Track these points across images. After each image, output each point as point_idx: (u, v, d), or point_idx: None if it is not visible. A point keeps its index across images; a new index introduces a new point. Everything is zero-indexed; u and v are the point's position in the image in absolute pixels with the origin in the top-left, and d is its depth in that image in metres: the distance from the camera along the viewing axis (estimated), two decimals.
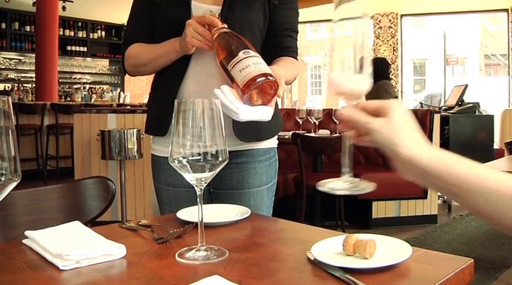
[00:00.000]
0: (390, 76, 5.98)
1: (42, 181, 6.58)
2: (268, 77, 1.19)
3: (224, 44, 1.26)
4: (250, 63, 1.20)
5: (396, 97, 6.02)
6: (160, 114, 1.54)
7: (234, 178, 1.54)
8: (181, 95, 1.50)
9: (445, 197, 5.45)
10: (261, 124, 1.33)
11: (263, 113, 1.23)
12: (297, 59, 1.61)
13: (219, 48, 1.28)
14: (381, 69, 5.62)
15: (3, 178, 0.69)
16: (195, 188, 0.90)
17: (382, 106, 0.73)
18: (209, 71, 1.46)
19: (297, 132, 4.00)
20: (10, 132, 0.69)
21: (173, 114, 0.85)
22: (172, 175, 1.53)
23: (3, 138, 0.68)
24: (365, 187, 0.83)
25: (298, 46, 1.66)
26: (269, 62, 1.58)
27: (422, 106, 5.97)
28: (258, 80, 1.17)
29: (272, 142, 1.62)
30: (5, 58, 10.08)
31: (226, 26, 1.32)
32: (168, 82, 1.52)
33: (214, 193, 1.58)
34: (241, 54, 1.21)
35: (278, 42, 1.59)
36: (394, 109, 0.73)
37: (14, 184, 0.70)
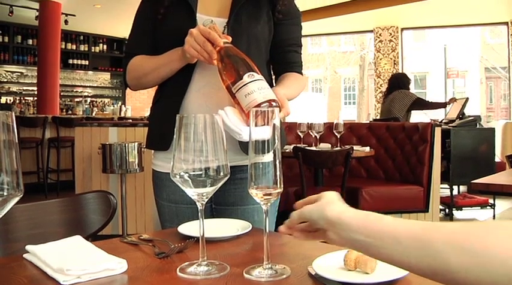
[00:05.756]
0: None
1: (43, 194, 6.58)
2: (272, 103, 1.21)
3: (229, 63, 1.26)
4: (255, 89, 1.21)
5: (414, 100, 6.09)
6: (163, 129, 1.52)
7: (238, 193, 1.52)
8: (185, 109, 1.49)
9: (447, 210, 5.44)
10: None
11: (265, 133, 1.23)
12: (302, 74, 1.61)
13: (223, 67, 1.27)
14: (402, 83, 6.21)
15: (5, 193, 0.68)
16: (197, 203, 0.90)
17: (315, 198, 0.83)
18: (213, 83, 1.44)
19: (298, 145, 4.00)
20: (13, 146, 0.69)
21: (175, 129, 0.85)
22: (174, 191, 1.52)
23: (6, 151, 0.68)
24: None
25: None
26: (275, 78, 1.62)
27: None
28: (262, 106, 1.19)
29: (267, 157, 1.55)
30: (7, 71, 10.12)
31: (229, 40, 1.31)
32: (171, 95, 1.51)
33: (217, 209, 1.56)
34: (246, 78, 1.22)
35: (283, 58, 1.60)
36: (324, 194, 0.83)
37: (16, 199, 0.70)
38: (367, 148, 4.21)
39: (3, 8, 8.58)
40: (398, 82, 6.28)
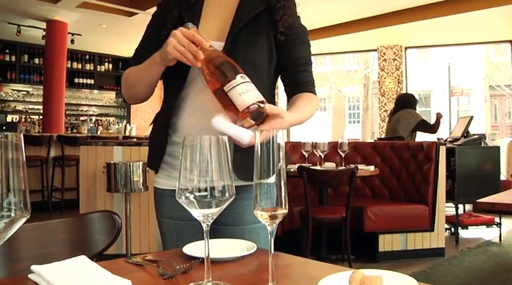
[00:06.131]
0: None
1: (47, 213, 6.58)
2: (260, 104, 1.21)
3: (218, 65, 1.25)
4: (250, 89, 1.22)
5: (420, 121, 6.11)
6: (154, 152, 1.56)
7: (230, 214, 1.44)
8: (178, 131, 1.49)
9: (452, 229, 5.40)
10: None
11: (247, 135, 1.22)
12: (315, 93, 1.57)
13: (210, 69, 1.26)
14: (408, 103, 6.30)
15: (12, 214, 0.67)
16: (202, 224, 0.90)
17: None
18: (205, 108, 1.41)
19: (302, 164, 4.00)
20: (21, 166, 0.68)
21: (181, 150, 0.86)
22: (172, 208, 1.52)
23: (14, 172, 0.67)
24: None
25: None
26: (287, 99, 1.59)
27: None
28: (258, 106, 1.20)
29: (271, 178, 1.49)
30: (13, 90, 10.20)
31: (210, 44, 1.29)
32: (164, 119, 1.51)
33: (210, 228, 1.55)
34: (239, 78, 1.22)
35: (294, 79, 1.56)
36: None
37: (23, 220, 0.69)
38: (372, 167, 4.20)
39: (11, 28, 8.69)
40: (405, 102, 6.31)
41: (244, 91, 1.21)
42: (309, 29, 1.67)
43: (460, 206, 5.57)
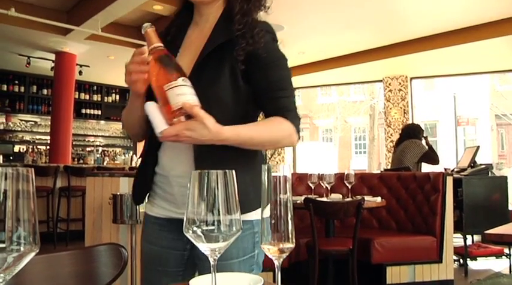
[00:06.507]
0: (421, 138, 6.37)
1: (52, 244, 6.56)
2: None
3: (164, 65, 1.33)
4: (187, 92, 1.29)
5: (426, 152, 6.09)
6: (139, 184, 1.61)
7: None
8: (159, 163, 1.55)
9: (461, 260, 5.34)
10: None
11: (162, 128, 1.32)
12: (289, 118, 1.46)
13: (157, 67, 1.33)
14: (413, 133, 6.31)
15: (22, 248, 0.67)
16: (209, 258, 0.90)
17: None
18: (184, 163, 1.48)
19: (309, 196, 3.99)
20: (32, 198, 0.68)
21: (188, 184, 0.86)
22: (151, 233, 1.59)
23: (24, 204, 0.67)
24: None
25: (310, 110, 1.64)
26: None
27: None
28: (190, 108, 1.28)
29: (248, 216, 1.45)
30: (21, 120, 10.30)
31: (162, 45, 1.36)
32: (148, 152, 1.57)
33: (194, 263, 1.57)
34: (180, 81, 1.29)
35: (267, 106, 1.51)
36: None
37: (32, 255, 0.69)
38: (379, 199, 4.18)
39: (21, 59, 8.84)
40: (410, 132, 6.32)
41: (181, 93, 1.28)
42: (314, 60, 1.67)
43: (469, 237, 5.52)
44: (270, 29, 1.56)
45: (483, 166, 5.57)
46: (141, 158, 1.64)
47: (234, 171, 0.88)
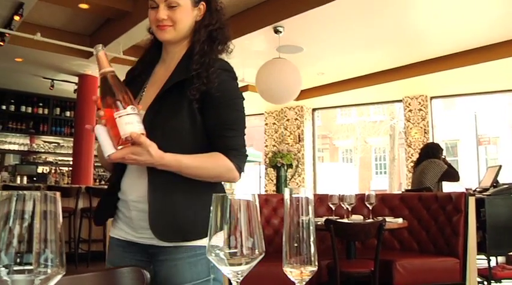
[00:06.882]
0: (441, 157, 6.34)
1: (73, 264, 6.59)
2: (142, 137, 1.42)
3: (115, 91, 1.43)
4: (135, 120, 1.41)
5: (445, 172, 6.04)
6: (103, 208, 1.72)
7: (161, 275, 1.58)
8: (120, 189, 1.64)
9: (485, 282, 5.24)
10: (183, 225, 1.53)
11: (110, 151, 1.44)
12: (230, 156, 1.57)
13: (108, 92, 1.43)
14: (432, 152, 6.28)
15: (49, 271, 0.67)
16: (232, 281, 0.91)
17: None
18: (141, 169, 1.57)
19: (329, 217, 3.96)
20: (58, 221, 0.69)
21: (211, 207, 0.87)
22: (114, 254, 1.69)
23: (51, 227, 0.68)
24: None
25: (329, 130, 1.69)
26: None
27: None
28: (137, 137, 1.40)
29: (204, 242, 1.49)
30: (45, 142, 10.48)
31: (113, 70, 1.47)
32: (113, 178, 1.68)
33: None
34: (129, 109, 1.40)
35: (215, 142, 1.59)
36: None
37: (58, 277, 0.69)
38: (400, 220, 4.14)
39: (45, 82, 9.04)
40: (429, 151, 6.28)
41: (130, 122, 1.40)
42: (333, 81, 1.72)
43: (492, 258, 5.41)
44: (228, 68, 1.64)
45: (506, 186, 5.48)
46: (107, 185, 1.76)
47: (256, 195, 0.89)
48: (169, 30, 1.63)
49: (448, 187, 6.39)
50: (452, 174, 6.16)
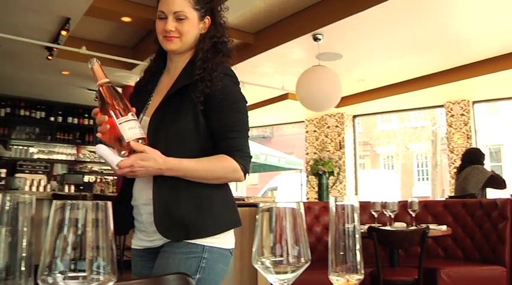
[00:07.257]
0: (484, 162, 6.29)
1: (119, 271, 6.68)
2: (139, 140, 1.51)
3: (115, 101, 1.51)
4: (136, 126, 1.51)
5: (490, 177, 5.90)
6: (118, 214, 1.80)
7: (154, 263, 1.66)
8: (132, 195, 1.73)
9: None
10: (187, 223, 1.58)
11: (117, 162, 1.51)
12: (235, 157, 1.62)
13: (109, 102, 1.51)
14: (474, 157, 6.21)
15: (101, 278, 0.68)
16: None
17: None
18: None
19: (372, 225, 3.92)
20: (109, 227, 0.71)
21: (256, 217, 0.89)
22: (135, 265, 1.80)
23: (103, 231, 0.69)
24: None
25: (370, 137, 1.70)
26: None
27: None
28: (140, 141, 1.51)
29: (200, 241, 1.63)
30: (90, 152, 10.74)
31: (109, 80, 1.56)
32: (125, 187, 1.77)
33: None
34: (130, 115, 1.50)
35: (219, 144, 1.65)
36: None
37: (110, 284, 0.70)
38: (444, 227, 4.06)
39: (90, 94, 9.28)
40: (471, 157, 6.15)
41: (132, 127, 1.49)
42: (373, 88, 1.73)
43: None
44: (230, 73, 1.72)
45: None
46: (117, 195, 1.83)
47: (301, 203, 0.90)
48: (175, 41, 1.71)
49: (491, 193, 6.22)
50: (498, 182, 6.01)
